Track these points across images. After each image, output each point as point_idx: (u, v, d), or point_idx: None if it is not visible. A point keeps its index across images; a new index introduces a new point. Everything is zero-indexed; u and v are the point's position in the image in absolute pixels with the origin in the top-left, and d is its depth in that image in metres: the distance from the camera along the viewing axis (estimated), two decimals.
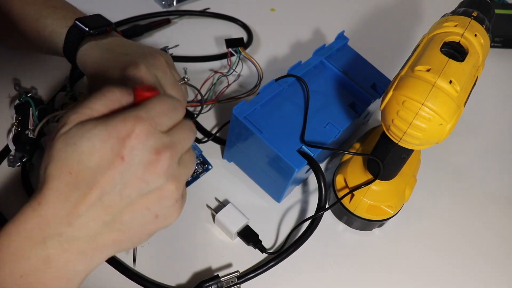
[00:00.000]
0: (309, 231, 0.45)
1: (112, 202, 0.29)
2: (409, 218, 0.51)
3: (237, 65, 0.60)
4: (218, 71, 0.60)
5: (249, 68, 0.63)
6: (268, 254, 0.46)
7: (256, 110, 0.46)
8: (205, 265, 0.45)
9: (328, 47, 0.54)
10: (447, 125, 0.35)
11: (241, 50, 0.59)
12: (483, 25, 0.39)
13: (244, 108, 0.45)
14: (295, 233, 0.47)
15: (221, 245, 0.46)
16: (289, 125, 0.46)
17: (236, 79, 0.60)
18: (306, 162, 0.44)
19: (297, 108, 0.48)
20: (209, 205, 0.49)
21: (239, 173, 0.52)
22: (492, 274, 0.48)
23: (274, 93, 0.47)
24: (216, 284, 0.41)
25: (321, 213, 0.45)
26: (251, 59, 0.59)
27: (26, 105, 0.50)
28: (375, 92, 0.52)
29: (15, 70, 0.57)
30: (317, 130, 0.47)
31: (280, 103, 0.48)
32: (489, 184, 0.56)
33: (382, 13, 0.77)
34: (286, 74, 0.49)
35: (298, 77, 0.49)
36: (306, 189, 0.52)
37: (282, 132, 0.45)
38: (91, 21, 0.46)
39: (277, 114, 0.46)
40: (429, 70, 0.35)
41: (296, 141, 0.45)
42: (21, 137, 0.48)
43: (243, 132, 0.45)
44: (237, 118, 0.44)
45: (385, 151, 0.42)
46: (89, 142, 0.28)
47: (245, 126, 0.44)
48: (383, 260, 0.48)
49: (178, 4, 0.70)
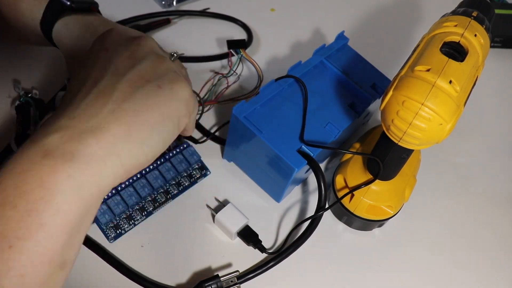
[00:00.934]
0: (308, 231, 0.45)
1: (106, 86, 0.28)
2: (409, 218, 0.51)
3: (238, 66, 0.60)
4: (218, 72, 0.60)
5: (249, 70, 0.63)
6: (268, 254, 0.46)
7: (256, 110, 0.46)
8: (205, 265, 0.45)
9: (328, 47, 0.54)
10: (447, 125, 0.35)
11: (242, 52, 0.60)
12: (483, 25, 0.39)
13: (244, 108, 0.45)
14: (295, 233, 0.47)
15: (221, 245, 0.46)
16: (289, 125, 0.46)
17: (236, 80, 0.60)
18: (305, 162, 0.44)
19: (297, 108, 0.48)
20: (209, 205, 0.49)
21: (239, 173, 0.52)
22: (492, 274, 0.48)
23: (274, 93, 0.47)
24: (216, 284, 0.41)
25: (320, 213, 0.45)
26: (252, 60, 0.59)
27: (26, 106, 0.50)
28: (375, 92, 0.52)
29: (15, 70, 0.57)
30: (317, 130, 0.47)
31: (280, 103, 0.48)
32: (489, 184, 0.56)
33: (381, 13, 0.77)
34: (285, 75, 0.49)
35: (296, 78, 0.49)
36: (306, 189, 0.52)
37: (281, 132, 0.45)
38: None
39: (276, 114, 0.47)
40: (429, 70, 0.35)
41: (296, 141, 0.45)
42: (22, 138, 0.48)
43: (242, 131, 0.45)
44: (237, 117, 0.44)
45: (385, 151, 0.42)
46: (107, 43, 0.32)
47: (244, 126, 0.44)
48: (383, 260, 0.48)
49: (178, 4, 0.70)
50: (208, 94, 0.57)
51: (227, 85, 0.59)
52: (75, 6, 0.42)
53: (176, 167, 0.49)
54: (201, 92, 0.57)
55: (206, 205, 0.49)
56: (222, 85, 0.59)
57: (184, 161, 0.49)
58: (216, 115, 0.57)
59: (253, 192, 0.51)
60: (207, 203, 0.49)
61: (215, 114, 0.57)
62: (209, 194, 0.50)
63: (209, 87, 0.58)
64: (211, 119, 0.57)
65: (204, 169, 0.51)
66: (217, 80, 0.59)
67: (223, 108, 0.58)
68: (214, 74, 0.59)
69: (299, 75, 0.50)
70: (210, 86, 0.58)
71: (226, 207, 0.47)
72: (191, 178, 0.50)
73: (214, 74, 0.59)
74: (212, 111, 0.57)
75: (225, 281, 0.42)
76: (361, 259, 0.48)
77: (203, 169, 0.51)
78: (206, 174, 0.51)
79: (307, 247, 0.46)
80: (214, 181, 0.51)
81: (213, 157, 0.52)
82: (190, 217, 0.47)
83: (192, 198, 0.49)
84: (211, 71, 0.61)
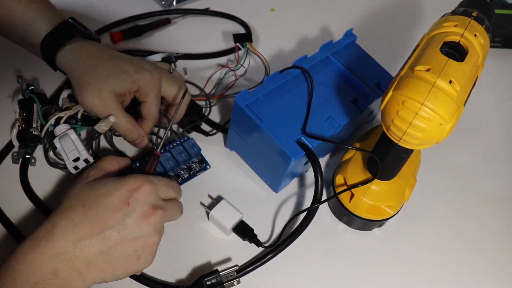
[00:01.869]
0: (304, 223, 0.45)
1: (111, 236, 0.36)
2: (409, 218, 0.51)
3: (245, 59, 0.60)
4: (225, 66, 0.60)
5: (256, 64, 0.63)
6: (264, 248, 0.46)
7: (259, 99, 0.46)
8: (202, 263, 0.45)
9: (335, 43, 0.55)
10: (447, 125, 0.35)
11: (249, 45, 0.60)
12: (483, 25, 0.39)
13: (246, 96, 0.45)
14: (291, 226, 0.47)
15: (217, 241, 0.47)
16: (290, 116, 0.46)
17: (244, 73, 0.60)
18: (304, 153, 0.44)
19: (299, 100, 0.48)
20: (203, 202, 0.49)
21: (235, 168, 0.52)
22: (492, 274, 0.48)
23: (277, 84, 0.48)
24: (216, 279, 0.41)
25: (316, 206, 0.45)
26: (258, 53, 0.60)
27: (30, 101, 0.49)
28: (379, 90, 0.52)
29: (17, 61, 0.56)
30: (318, 123, 0.47)
31: (283, 94, 0.48)
32: (489, 184, 0.56)
33: (381, 13, 0.77)
34: (291, 66, 0.49)
35: (303, 68, 0.49)
36: (304, 183, 0.52)
37: (282, 123, 0.45)
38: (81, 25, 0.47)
39: (278, 105, 0.47)
40: (429, 70, 0.35)
41: (296, 132, 0.45)
42: (25, 134, 0.47)
43: (244, 120, 0.46)
44: (239, 105, 0.45)
45: (385, 151, 0.42)
46: (105, 188, 0.38)
47: (246, 114, 0.45)
48: (383, 260, 0.48)
49: (178, 4, 0.70)
50: (215, 88, 0.58)
51: (235, 78, 0.59)
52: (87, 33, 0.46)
53: (176, 158, 0.48)
54: (206, 87, 0.57)
55: (200, 203, 0.49)
56: (229, 79, 0.59)
57: (184, 152, 0.49)
58: (224, 109, 0.57)
59: (247, 187, 0.51)
60: (201, 201, 0.49)
61: (224, 108, 0.58)
62: (202, 191, 0.50)
63: (217, 81, 0.58)
64: (220, 112, 0.57)
65: (204, 162, 0.51)
66: (224, 73, 0.59)
67: (231, 101, 0.58)
68: (221, 67, 0.59)
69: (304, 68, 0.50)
70: (216, 80, 0.59)
71: (220, 204, 0.46)
72: (191, 171, 0.50)
73: (220, 67, 0.59)
74: (221, 105, 0.58)
75: (224, 276, 0.42)
76: (361, 259, 0.47)
77: (203, 163, 0.51)
78: (206, 168, 0.51)
79: (307, 247, 0.46)
80: (207, 178, 0.51)
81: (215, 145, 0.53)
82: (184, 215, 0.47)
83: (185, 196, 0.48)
84: (219, 65, 0.61)
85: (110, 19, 0.65)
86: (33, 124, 0.48)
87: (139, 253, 0.38)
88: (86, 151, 0.46)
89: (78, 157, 0.46)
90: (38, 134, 0.47)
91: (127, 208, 0.37)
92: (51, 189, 0.47)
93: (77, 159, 0.46)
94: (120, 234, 0.36)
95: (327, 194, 0.52)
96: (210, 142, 0.53)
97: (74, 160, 0.46)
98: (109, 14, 0.66)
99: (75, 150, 0.46)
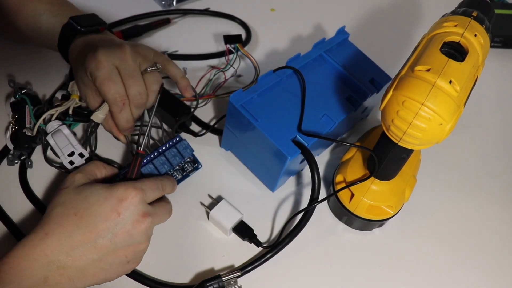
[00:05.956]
0: (302, 223, 0.45)
1: (103, 245, 0.37)
2: (409, 218, 0.51)
3: (235, 61, 0.60)
4: (215, 67, 0.60)
5: (247, 65, 0.63)
6: (263, 248, 0.46)
7: (253, 98, 0.46)
8: (202, 263, 0.45)
9: (328, 41, 0.55)
10: (447, 125, 0.35)
11: (239, 47, 0.60)
12: (483, 25, 0.39)
13: (241, 96, 0.45)
14: (290, 225, 0.47)
15: (217, 241, 0.46)
16: (285, 115, 0.46)
17: (234, 74, 0.60)
18: (299, 151, 0.44)
19: (294, 99, 0.48)
20: (203, 202, 0.49)
21: (231, 168, 0.52)
22: (493, 273, 0.48)
23: (271, 83, 0.48)
24: (218, 284, 0.41)
25: (313, 206, 0.45)
26: (249, 55, 0.60)
27: (22, 103, 0.49)
28: (373, 87, 0.52)
29: (10, 65, 0.56)
30: (313, 121, 0.47)
31: (277, 93, 0.48)
32: (489, 184, 0.56)
33: (381, 14, 0.77)
34: (284, 66, 0.49)
35: (294, 68, 0.49)
36: (301, 181, 0.52)
37: (277, 121, 0.45)
38: (84, 19, 0.49)
39: (273, 104, 0.47)
40: (429, 70, 0.35)
41: (291, 130, 0.45)
42: (18, 135, 0.47)
43: (239, 119, 0.46)
44: (234, 105, 0.45)
45: (385, 151, 0.42)
46: (96, 197, 0.38)
47: (241, 114, 0.45)
48: (383, 260, 0.48)
49: (178, 4, 0.70)
50: (205, 89, 0.58)
51: (224, 79, 0.59)
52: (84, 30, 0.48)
53: (171, 161, 0.48)
54: (197, 87, 0.57)
55: (200, 203, 0.49)
56: (220, 80, 0.59)
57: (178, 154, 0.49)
58: (214, 109, 0.57)
59: (246, 187, 0.51)
60: (201, 201, 0.49)
61: (213, 108, 0.58)
62: (202, 191, 0.50)
63: (206, 81, 0.59)
64: (210, 112, 0.57)
65: (196, 162, 0.51)
66: (213, 74, 0.59)
67: (221, 102, 0.58)
68: (211, 69, 0.59)
69: (297, 67, 0.50)
70: (206, 80, 0.59)
71: (220, 204, 0.46)
72: (184, 171, 0.50)
73: (211, 69, 0.59)
74: (211, 105, 0.58)
75: (226, 282, 0.42)
76: (361, 259, 0.47)
77: (195, 163, 0.50)
78: (197, 167, 0.51)
79: (307, 247, 0.46)
80: (207, 177, 0.51)
81: (211, 146, 0.53)
82: (184, 215, 0.47)
83: (185, 196, 0.49)
84: (209, 66, 0.62)
85: (110, 19, 0.65)
86: (26, 125, 0.48)
87: (129, 258, 0.39)
88: (80, 145, 0.46)
89: (73, 151, 0.46)
90: (31, 134, 0.48)
91: (118, 218, 0.37)
92: (51, 189, 0.47)
93: (72, 154, 0.46)
94: (112, 243, 0.37)
95: (327, 194, 0.52)
96: (205, 142, 0.53)
97: (69, 154, 0.46)
98: (109, 14, 0.66)
99: (69, 145, 0.46)
